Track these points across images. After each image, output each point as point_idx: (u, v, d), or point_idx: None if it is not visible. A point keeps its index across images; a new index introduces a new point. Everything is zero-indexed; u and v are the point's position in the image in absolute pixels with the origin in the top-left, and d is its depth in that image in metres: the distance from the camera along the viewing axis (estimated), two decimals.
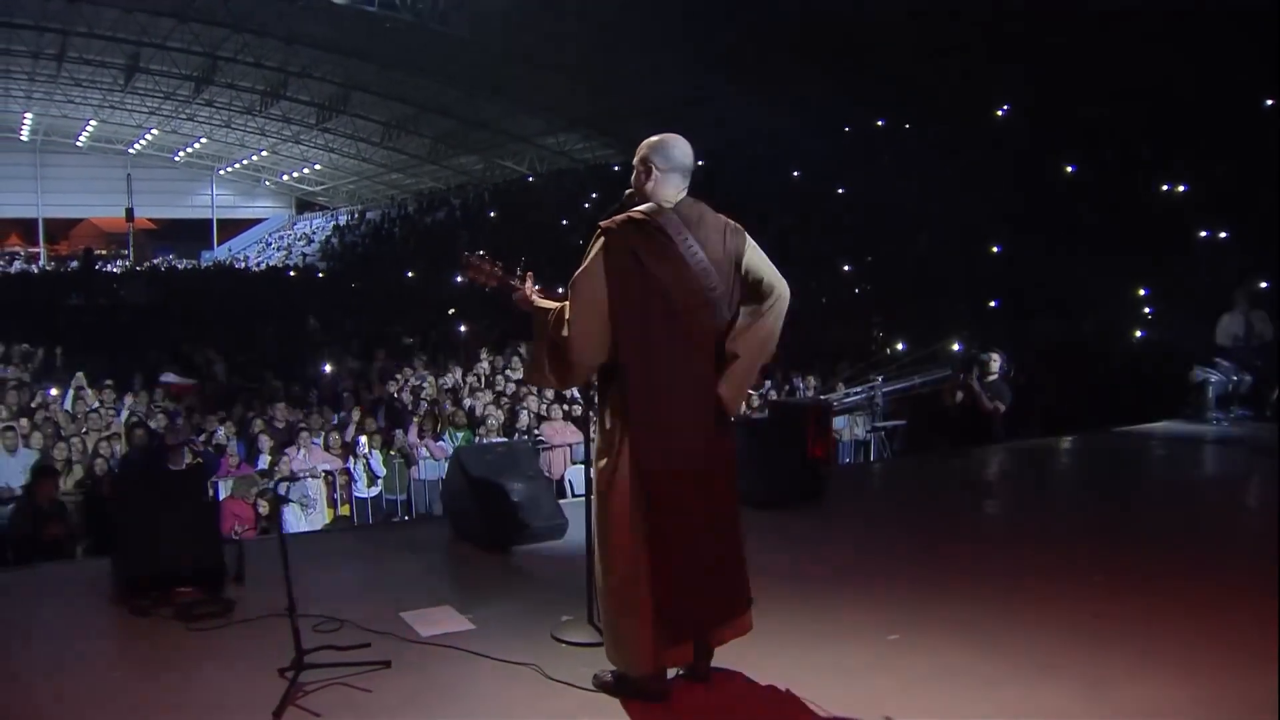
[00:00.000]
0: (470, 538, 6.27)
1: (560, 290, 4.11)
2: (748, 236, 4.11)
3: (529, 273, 4.25)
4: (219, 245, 64.84)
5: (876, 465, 9.08)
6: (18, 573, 6.40)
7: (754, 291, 4.07)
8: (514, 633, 4.75)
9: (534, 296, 4.16)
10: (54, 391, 13.52)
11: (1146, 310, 16.66)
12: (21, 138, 57.03)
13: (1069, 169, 20.27)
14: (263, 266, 50.01)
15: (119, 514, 5.50)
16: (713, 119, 31.59)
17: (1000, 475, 8.76)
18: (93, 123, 53.42)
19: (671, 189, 4.01)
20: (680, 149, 4.04)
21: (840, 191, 26.53)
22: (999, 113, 23.45)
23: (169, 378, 14.25)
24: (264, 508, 10.08)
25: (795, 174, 28.62)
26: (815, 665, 4.37)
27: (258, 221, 66.70)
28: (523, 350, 15.82)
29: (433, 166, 51.38)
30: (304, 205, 66.28)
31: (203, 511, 5.54)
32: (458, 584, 5.71)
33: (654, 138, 4.07)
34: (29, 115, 52.48)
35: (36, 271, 49.11)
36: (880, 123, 27.17)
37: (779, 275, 4.12)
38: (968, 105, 23.30)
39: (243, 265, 52.66)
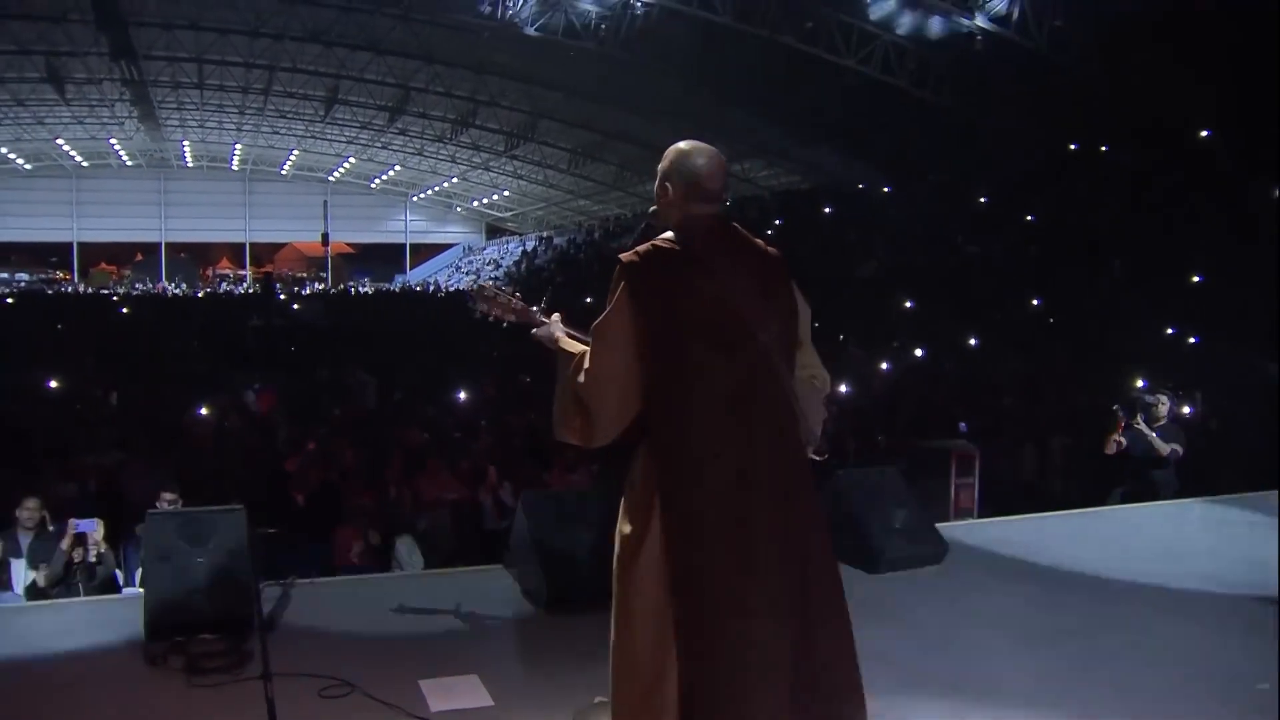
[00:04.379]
0: (530, 595, 5.68)
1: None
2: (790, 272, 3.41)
3: (554, 311, 3.63)
4: (412, 269, 66.98)
5: (1021, 521, 7.93)
6: (68, 604, 6.15)
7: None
8: (536, 712, 4.18)
9: (560, 335, 3.53)
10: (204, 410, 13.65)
11: None
12: (232, 167, 60.56)
13: (1278, 193, 18.41)
14: (447, 291, 51.16)
15: (147, 552, 5.17)
16: (897, 142, 30.61)
17: (1166, 541, 7.42)
18: (295, 152, 56.10)
19: (698, 212, 3.32)
20: (703, 164, 3.33)
21: (1029, 218, 25.06)
22: (1201, 134, 21.66)
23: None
24: (374, 538, 9.72)
25: (981, 200, 27.26)
26: None
27: (449, 246, 68.59)
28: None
29: (619, 193, 51.66)
30: (494, 231, 67.83)
31: (236, 553, 5.13)
32: (497, 649, 5.11)
33: (675, 148, 3.39)
34: (239, 146, 55.45)
35: (224, 294, 51.61)
36: (1073, 146, 25.56)
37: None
38: (1167, 127, 21.62)
39: (423, 290, 53.97)
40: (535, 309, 3.63)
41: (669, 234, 3.33)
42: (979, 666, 4.82)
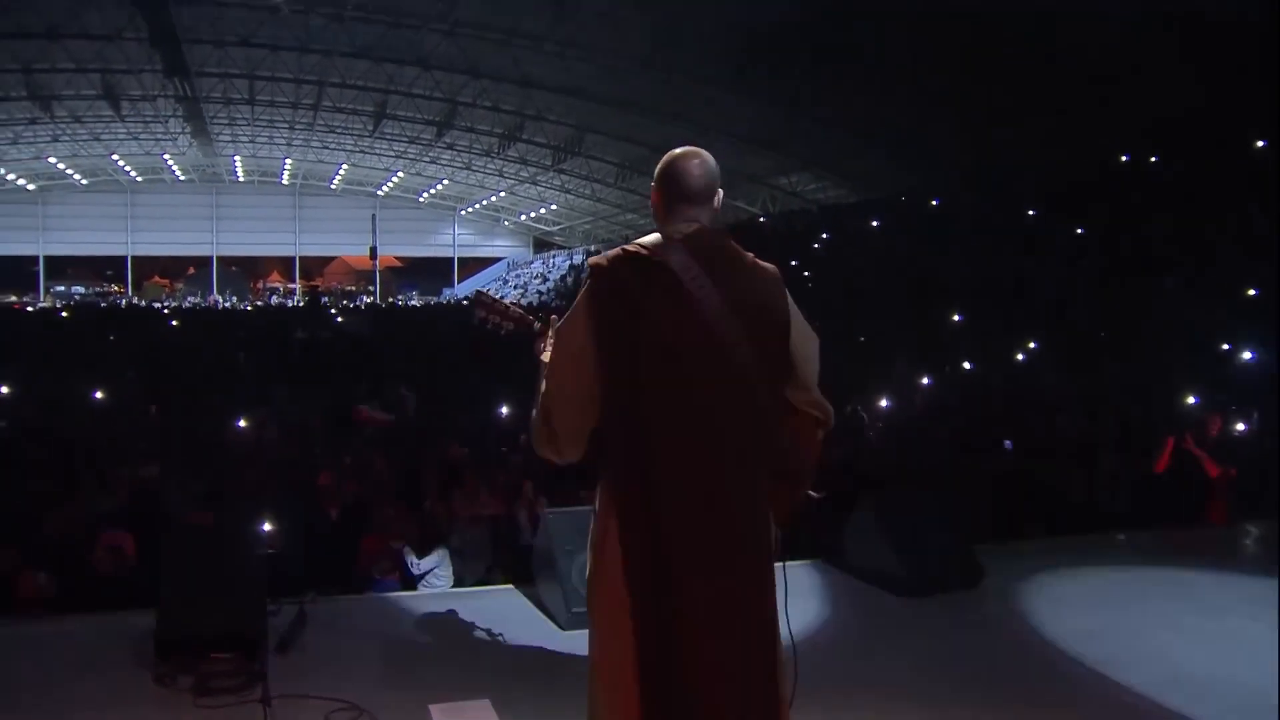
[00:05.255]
0: (551, 615, 5.55)
1: None
2: (786, 291, 3.17)
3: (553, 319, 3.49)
4: (460, 282, 67.33)
5: (1064, 543, 7.65)
6: (86, 619, 6.08)
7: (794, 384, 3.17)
8: None
9: (548, 347, 3.35)
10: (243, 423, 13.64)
11: None
12: (282, 182, 61.32)
13: None
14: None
15: (162, 569, 5.09)
16: (945, 152, 30.27)
17: (1219, 567, 7.02)
18: (344, 166, 56.64)
19: (681, 218, 3.13)
20: (690, 168, 3.15)
21: (1079, 231, 24.61)
22: (1258, 144, 21.16)
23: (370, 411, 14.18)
24: (406, 552, 9.60)
25: (1030, 211, 26.82)
26: None
27: (497, 260, 68.94)
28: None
29: None
30: (541, 244, 68.03)
31: (250, 571, 5.03)
32: (514, 671, 4.96)
33: (669, 154, 3.22)
34: (289, 161, 56.16)
35: (272, 307, 52.11)
36: (1125, 158, 25.10)
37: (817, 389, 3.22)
38: (1225, 136, 21.15)
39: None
40: (534, 319, 3.52)
41: (644, 239, 3.14)
42: (1014, 699, 4.62)
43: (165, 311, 41.97)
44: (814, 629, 5.34)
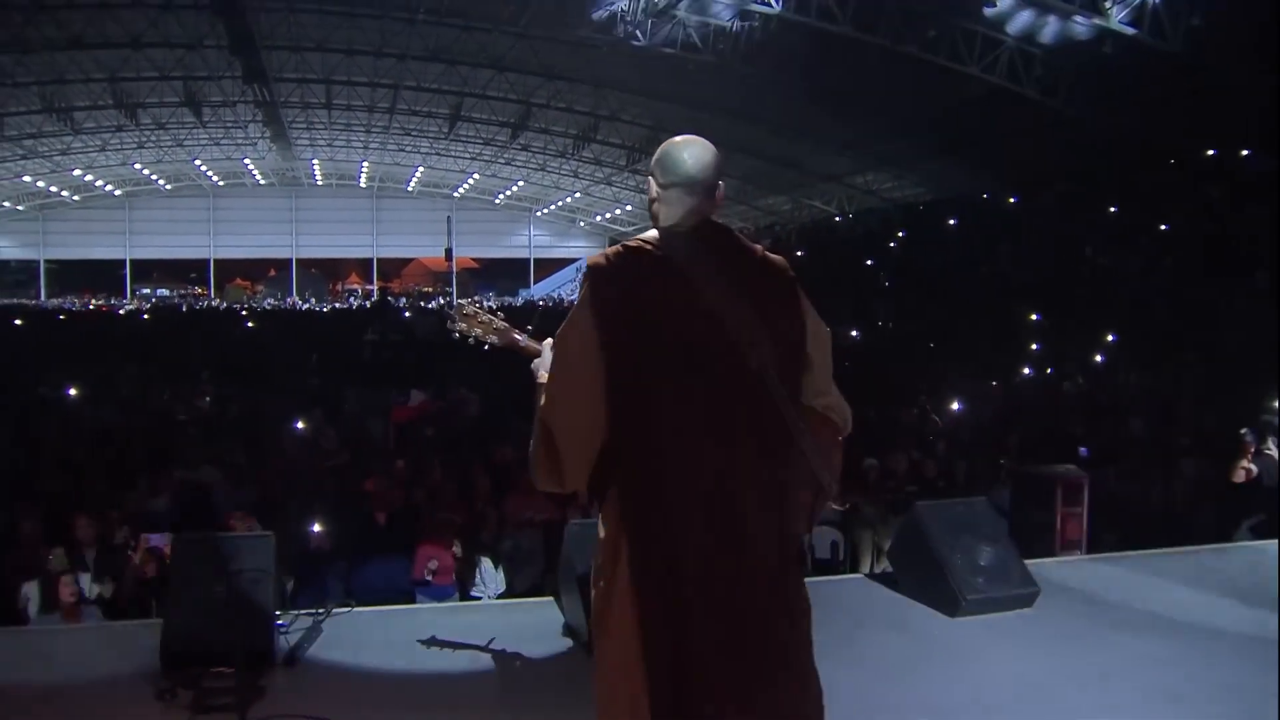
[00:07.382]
0: (571, 631, 5.31)
1: None
2: (799, 285, 2.95)
3: (546, 337, 3.22)
4: (536, 283, 67.54)
5: (1132, 558, 7.19)
6: (97, 627, 5.99)
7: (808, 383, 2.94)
8: None
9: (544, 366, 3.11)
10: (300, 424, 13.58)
11: None
12: (360, 184, 61.93)
13: None
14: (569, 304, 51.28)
15: (172, 578, 4.95)
16: (1026, 152, 29.51)
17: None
18: (421, 169, 56.95)
19: (679, 209, 2.92)
20: (683, 156, 2.96)
21: (1164, 228, 23.78)
22: None
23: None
24: (457, 551, 9.39)
25: (1112, 209, 25.99)
26: None
27: (573, 261, 69.04)
28: None
29: (741, 207, 51.25)
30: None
31: (260, 582, 4.86)
32: (526, 692, 4.71)
33: (667, 142, 3.04)
34: (366, 164, 56.72)
35: (345, 309, 52.68)
36: (1212, 153, 24.16)
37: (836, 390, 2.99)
38: None
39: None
40: (520, 333, 3.26)
41: (644, 234, 2.93)
42: None
43: (243, 313, 42.59)
44: (856, 649, 5.02)
